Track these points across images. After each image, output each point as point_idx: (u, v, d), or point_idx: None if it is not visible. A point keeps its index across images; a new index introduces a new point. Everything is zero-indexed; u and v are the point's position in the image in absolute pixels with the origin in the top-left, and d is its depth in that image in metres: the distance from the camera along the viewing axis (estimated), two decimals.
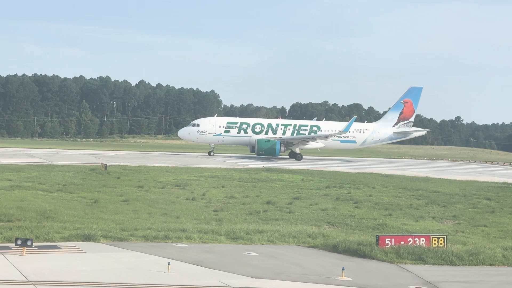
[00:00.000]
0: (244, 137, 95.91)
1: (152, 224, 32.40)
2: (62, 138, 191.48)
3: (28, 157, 75.49)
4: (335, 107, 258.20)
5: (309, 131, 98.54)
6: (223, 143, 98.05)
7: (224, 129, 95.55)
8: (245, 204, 43.78)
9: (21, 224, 30.06)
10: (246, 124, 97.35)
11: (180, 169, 65.36)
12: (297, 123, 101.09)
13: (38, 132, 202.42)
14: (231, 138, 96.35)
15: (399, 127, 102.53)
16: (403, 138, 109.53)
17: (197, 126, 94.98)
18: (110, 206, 39.14)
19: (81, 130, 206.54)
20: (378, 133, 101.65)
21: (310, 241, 30.26)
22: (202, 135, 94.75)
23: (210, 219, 36.42)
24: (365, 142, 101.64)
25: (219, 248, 27.47)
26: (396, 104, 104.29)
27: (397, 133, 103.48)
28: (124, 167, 64.38)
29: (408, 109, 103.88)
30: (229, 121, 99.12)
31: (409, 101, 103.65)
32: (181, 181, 54.23)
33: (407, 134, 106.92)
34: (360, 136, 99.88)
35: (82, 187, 48.02)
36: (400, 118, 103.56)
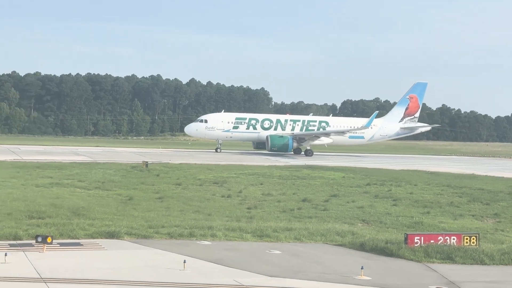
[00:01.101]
0: (253, 133, 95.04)
1: (181, 221, 32.21)
2: (114, 137, 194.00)
3: (74, 155, 76.64)
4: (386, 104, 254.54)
5: (318, 127, 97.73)
6: (232, 139, 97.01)
7: (233, 125, 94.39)
8: (280, 201, 43.37)
9: (50, 221, 30.19)
10: (255, 120, 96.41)
11: (222, 166, 65.45)
12: (305, 118, 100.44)
13: (91, 131, 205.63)
14: (240, 134, 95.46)
15: (405, 123, 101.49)
16: (409, 134, 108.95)
17: (205, 122, 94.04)
18: (144, 203, 39.19)
19: (133, 128, 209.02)
20: (386, 128, 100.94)
21: (338, 239, 29.68)
22: (210, 131, 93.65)
23: (242, 216, 36.09)
24: (373, 137, 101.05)
25: (243, 246, 27.16)
26: (402, 100, 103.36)
27: (403, 129, 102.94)
28: (166, 164, 64.80)
29: (413, 104, 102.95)
30: (237, 116, 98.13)
31: (415, 96, 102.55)
32: (220, 179, 54.20)
33: (413, 129, 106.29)
34: (368, 132, 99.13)
35: (120, 184, 48.33)
36: (405, 114, 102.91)
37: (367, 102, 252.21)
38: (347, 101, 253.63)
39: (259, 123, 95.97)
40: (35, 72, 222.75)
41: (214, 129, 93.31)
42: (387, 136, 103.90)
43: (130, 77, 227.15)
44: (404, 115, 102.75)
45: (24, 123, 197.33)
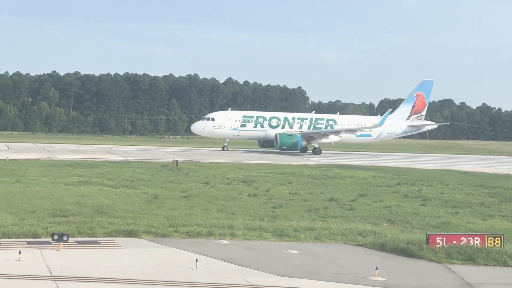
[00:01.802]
0: (260, 131, 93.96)
1: (203, 220, 32.11)
2: (152, 136, 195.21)
3: (107, 153, 77.27)
4: None
5: (326, 125, 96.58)
6: (239, 137, 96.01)
7: (240, 123, 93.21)
8: (307, 201, 43.05)
9: (71, 219, 30.32)
10: (263, 118, 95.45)
11: (252, 165, 65.38)
12: (313, 116, 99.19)
13: (129, 130, 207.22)
14: (247, 132, 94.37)
15: (412, 121, 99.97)
16: (416, 132, 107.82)
17: (212, 120, 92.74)
18: (169, 202, 39.19)
19: (170, 128, 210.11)
20: (393, 126, 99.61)
21: (360, 239, 29.28)
22: (217, 129, 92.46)
23: (265, 215, 35.87)
24: (380, 135, 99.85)
25: (261, 245, 26.94)
26: (409, 98, 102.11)
27: (410, 127, 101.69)
28: (196, 163, 64.96)
29: (420, 102, 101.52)
30: (245, 114, 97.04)
31: (421, 94, 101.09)
32: (249, 178, 54.12)
33: (420, 127, 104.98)
34: (375, 130, 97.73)
35: (148, 183, 48.51)
36: (412, 112, 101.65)
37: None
38: (385, 100, 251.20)
39: (266, 121, 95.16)
40: (75, 71, 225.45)
41: (221, 127, 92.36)
42: (394, 134, 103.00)
43: (167, 77, 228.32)
44: (411, 113, 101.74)
45: (63, 122, 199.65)
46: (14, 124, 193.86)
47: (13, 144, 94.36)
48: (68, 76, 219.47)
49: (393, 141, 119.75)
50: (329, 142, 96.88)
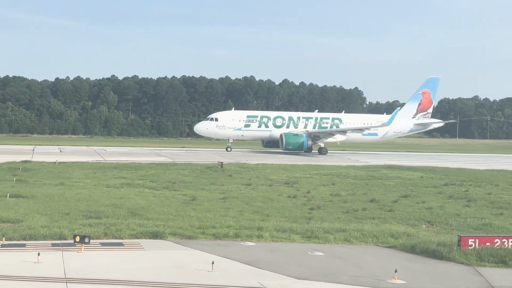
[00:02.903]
0: (264, 131, 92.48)
1: (235, 222, 31.85)
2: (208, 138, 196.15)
3: (156, 156, 77.97)
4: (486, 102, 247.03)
5: (331, 124, 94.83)
6: (243, 138, 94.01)
7: (244, 123, 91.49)
8: (347, 202, 42.40)
9: (103, 221, 30.43)
10: (267, 117, 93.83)
11: (298, 166, 65.01)
12: (318, 116, 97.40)
13: (186, 132, 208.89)
14: (252, 132, 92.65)
15: (418, 119, 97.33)
16: (422, 130, 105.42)
17: (216, 121, 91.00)
18: (206, 204, 39.10)
19: None
20: (399, 125, 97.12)
21: (391, 241, 28.55)
22: (221, 129, 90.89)
23: (301, 217, 35.42)
24: (387, 134, 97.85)
25: (287, 247, 26.52)
26: (415, 95, 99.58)
27: (417, 125, 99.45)
28: (242, 165, 64.89)
29: (426, 100, 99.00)
30: (249, 114, 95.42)
31: (428, 91, 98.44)
32: (293, 179, 53.75)
33: (427, 125, 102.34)
34: (381, 129, 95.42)
35: (189, 185, 48.61)
36: (418, 110, 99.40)
37: (464, 100, 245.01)
38: (444, 100, 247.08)
39: (271, 121, 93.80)
40: (133, 75, 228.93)
41: (225, 127, 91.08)
42: (400, 133, 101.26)
43: (223, 79, 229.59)
44: (417, 111, 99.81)
45: (122, 126, 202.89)
46: (75, 128, 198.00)
47: (66, 147, 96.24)
48: (127, 80, 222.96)
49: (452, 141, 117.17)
50: (335, 141, 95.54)
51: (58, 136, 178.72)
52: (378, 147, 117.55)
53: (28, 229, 27.27)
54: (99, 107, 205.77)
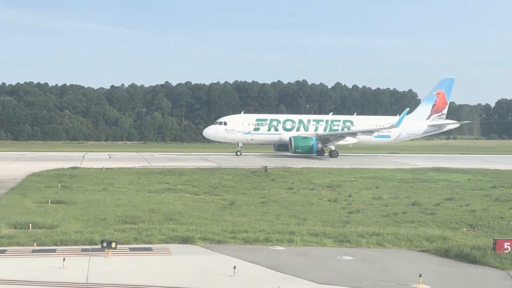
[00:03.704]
0: (274, 134, 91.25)
1: (269, 226, 31.69)
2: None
3: (202, 161, 78.36)
4: None
5: (342, 126, 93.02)
6: (252, 141, 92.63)
7: (253, 126, 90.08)
8: (388, 205, 41.73)
9: (137, 226, 30.65)
10: (276, 121, 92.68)
11: (343, 170, 64.51)
12: (329, 118, 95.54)
13: None
14: (261, 136, 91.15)
15: (433, 120, 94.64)
16: (437, 131, 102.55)
17: (225, 125, 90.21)
18: (243, 208, 39.01)
19: None
20: (412, 126, 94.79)
21: (425, 245, 27.92)
22: (230, 133, 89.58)
23: (338, 221, 34.98)
24: (400, 136, 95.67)
25: (316, 251, 26.20)
26: (429, 96, 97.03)
27: (431, 126, 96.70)
28: (287, 169, 64.72)
29: (440, 100, 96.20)
30: (258, 118, 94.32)
31: (442, 92, 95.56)
32: (336, 183, 53.29)
33: (441, 127, 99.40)
34: (394, 131, 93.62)
35: (230, 190, 48.59)
36: (433, 111, 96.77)
37: None
38: (501, 100, 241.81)
39: (280, 124, 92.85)
40: (186, 81, 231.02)
41: (234, 131, 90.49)
42: (414, 135, 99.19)
43: (276, 83, 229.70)
44: (432, 112, 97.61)
45: (175, 131, 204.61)
46: (130, 134, 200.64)
47: (116, 153, 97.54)
48: (180, 86, 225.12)
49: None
50: (346, 144, 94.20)
51: (113, 143, 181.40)
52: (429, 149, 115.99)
53: (61, 235, 27.59)
54: (153, 114, 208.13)
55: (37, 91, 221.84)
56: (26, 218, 31.85)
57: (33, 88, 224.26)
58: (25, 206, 36.70)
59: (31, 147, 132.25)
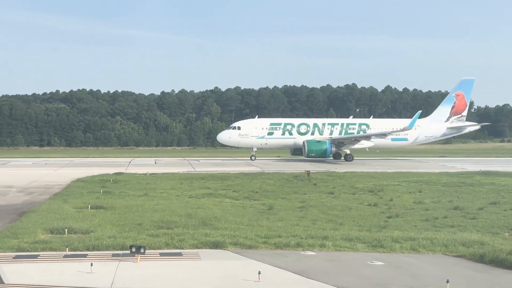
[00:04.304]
0: (289, 138, 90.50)
1: (304, 231, 31.45)
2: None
3: (246, 165, 78.53)
4: None
5: (358, 130, 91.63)
6: (267, 146, 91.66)
7: (267, 131, 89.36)
8: (429, 210, 40.99)
9: (171, 231, 30.74)
10: (291, 125, 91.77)
11: (387, 174, 63.80)
12: (344, 121, 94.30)
13: None
14: (275, 140, 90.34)
15: (452, 122, 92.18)
16: (456, 134, 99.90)
17: (238, 129, 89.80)
18: (281, 213, 38.81)
19: None
20: (431, 129, 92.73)
21: (461, 250, 27.27)
22: (243, 138, 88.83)
23: (375, 225, 34.51)
24: (417, 139, 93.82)
25: (347, 256, 25.84)
26: (448, 98, 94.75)
27: (450, 128, 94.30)
28: (330, 173, 64.27)
29: (460, 102, 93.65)
30: (272, 122, 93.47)
31: (461, 94, 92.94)
32: (379, 187, 52.67)
33: (461, 129, 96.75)
34: (412, 133, 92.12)
35: (271, 194, 48.41)
36: (452, 113, 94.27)
37: None
38: None
39: (295, 128, 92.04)
40: (235, 87, 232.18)
41: (247, 136, 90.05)
42: (432, 137, 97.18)
43: (325, 87, 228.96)
44: (451, 114, 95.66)
45: None
46: (180, 140, 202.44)
47: (163, 159, 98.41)
48: (229, 91, 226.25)
49: None
50: (362, 147, 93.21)
51: (163, 148, 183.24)
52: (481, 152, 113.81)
53: (94, 240, 27.84)
54: (203, 119, 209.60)
55: (89, 98, 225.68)
56: (63, 223, 32.28)
57: (86, 95, 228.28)
58: (64, 212, 37.17)
59: (81, 153, 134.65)
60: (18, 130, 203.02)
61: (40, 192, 49.18)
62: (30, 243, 27.12)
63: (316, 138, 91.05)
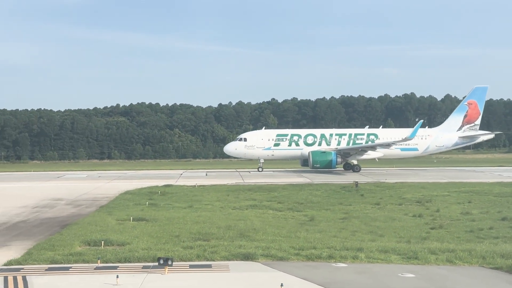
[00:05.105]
0: (295, 149, 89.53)
1: (341, 242, 31.03)
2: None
3: (297, 177, 78.28)
4: None
5: (366, 139, 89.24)
6: (273, 157, 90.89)
7: (273, 142, 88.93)
8: (475, 221, 39.96)
9: (206, 243, 30.76)
10: (297, 135, 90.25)
11: (439, 184, 62.62)
12: (352, 132, 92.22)
13: None
14: (282, 151, 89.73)
15: (464, 131, 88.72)
16: (469, 143, 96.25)
17: (244, 141, 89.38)
18: (322, 224, 38.42)
19: None
20: (442, 138, 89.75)
21: (499, 262, 26.45)
22: (250, 149, 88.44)
23: (416, 237, 33.83)
24: (428, 149, 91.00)
25: (378, 268, 25.34)
26: (460, 107, 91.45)
27: (462, 138, 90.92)
28: (379, 184, 63.46)
29: (473, 111, 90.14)
30: (278, 133, 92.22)
31: (474, 102, 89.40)
32: (427, 197, 51.72)
33: (474, 138, 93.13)
34: (422, 143, 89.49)
35: (315, 205, 48.05)
36: (464, 122, 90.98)
37: None
38: None
39: (301, 139, 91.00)
40: (292, 98, 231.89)
41: (254, 147, 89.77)
42: (443, 147, 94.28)
43: (382, 97, 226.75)
44: (463, 123, 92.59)
45: None
46: None
47: (214, 171, 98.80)
48: (286, 102, 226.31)
49: None
50: (370, 158, 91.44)
51: (220, 160, 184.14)
52: None
53: (127, 252, 28.03)
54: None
55: (148, 111, 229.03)
56: (102, 236, 32.60)
57: (145, 109, 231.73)
58: (106, 224, 37.57)
59: (137, 165, 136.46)
60: (80, 144, 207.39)
61: (87, 205, 49.90)
62: (64, 255, 27.48)
63: (322, 148, 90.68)
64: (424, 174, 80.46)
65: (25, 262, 26.54)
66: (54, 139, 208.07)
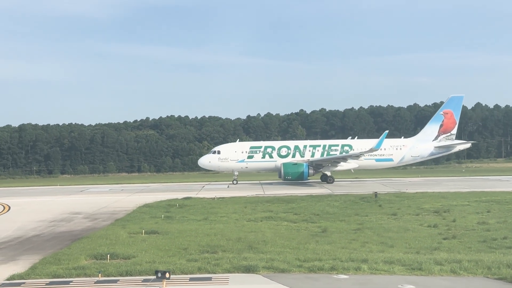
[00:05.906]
0: (269, 161, 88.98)
1: (348, 253, 30.80)
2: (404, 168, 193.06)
3: (318, 188, 77.87)
4: None
5: (340, 151, 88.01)
6: (247, 169, 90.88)
7: (247, 154, 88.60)
8: (490, 230, 39.30)
9: (212, 256, 30.72)
10: (271, 147, 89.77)
11: (459, 194, 61.91)
12: (326, 143, 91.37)
13: None
14: (255, 164, 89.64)
15: (440, 141, 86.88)
16: (445, 153, 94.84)
17: (218, 153, 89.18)
18: (333, 236, 38.10)
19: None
20: (417, 148, 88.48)
21: (504, 272, 26.02)
22: (223, 162, 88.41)
23: (426, 247, 33.38)
24: (403, 159, 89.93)
25: (380, 280, 25.06)
26: (436, 116, 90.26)
27: (438, 148, 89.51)
28: (399, 194, 62.94)
29: (449, 120, 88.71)
30: (252, 145, 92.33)
31: (450, 111, 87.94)
32: (445, 207, 51.07)
33: (450, 148, 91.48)
34: (397, 153, 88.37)
35: (331, 217, 47.72)
36: (440, 131, 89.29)
37: None
38: None
39: (275, 151, 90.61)
40: (320, 109, 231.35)
41: (227, 160, 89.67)
42: (419, 157, 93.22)
43: (412, 107, 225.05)
44: (439, 133, 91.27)
45: None
46: None
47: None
48: (314, 113, 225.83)
49: None
50: (344, 169, 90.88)
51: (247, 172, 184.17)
52: None
53: (131, 265, 28.09)
54: None
55: (178, 124, 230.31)
56: (109, 249, 32.73)
57: (174, 121, 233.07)
58: (116, 237, 37.68)
59: (164, 178, 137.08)
60: (110, 157, 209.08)
61: (104, 218, 50.19)
62: (67, 269, 27.64)
63: (295, 160, 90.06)
64: (447, 183, 79.64)
65: (28, 276, 26.75)
66: (85, 153, 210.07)
